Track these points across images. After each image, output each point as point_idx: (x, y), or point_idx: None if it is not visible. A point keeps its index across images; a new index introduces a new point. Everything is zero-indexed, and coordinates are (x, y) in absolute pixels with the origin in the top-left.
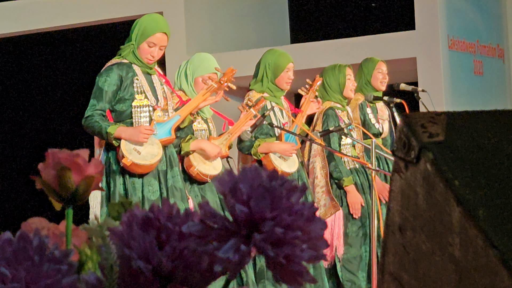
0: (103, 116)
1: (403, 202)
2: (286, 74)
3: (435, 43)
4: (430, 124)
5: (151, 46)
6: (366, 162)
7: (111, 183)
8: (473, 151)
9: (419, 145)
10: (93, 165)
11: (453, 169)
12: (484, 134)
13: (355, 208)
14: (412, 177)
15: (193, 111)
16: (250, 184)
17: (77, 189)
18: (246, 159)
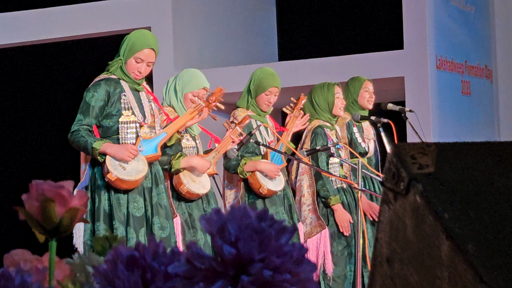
0: (89, 131)
1: (392, 233)
2: (266, 97)
3: (423, 62)
4: (420, 155)
5: (139, 62)
6: (352, 182)
7: (96, 198)
8: (463, 184)
9: (409, 177)
10: (77, 197)
11: (443, 202)
12: (474, 166)
13: (344, 225)
14: (401, 209)
15: (180, 129)
16: (238, 225)
17: (61, 221)
18: (231, 178)
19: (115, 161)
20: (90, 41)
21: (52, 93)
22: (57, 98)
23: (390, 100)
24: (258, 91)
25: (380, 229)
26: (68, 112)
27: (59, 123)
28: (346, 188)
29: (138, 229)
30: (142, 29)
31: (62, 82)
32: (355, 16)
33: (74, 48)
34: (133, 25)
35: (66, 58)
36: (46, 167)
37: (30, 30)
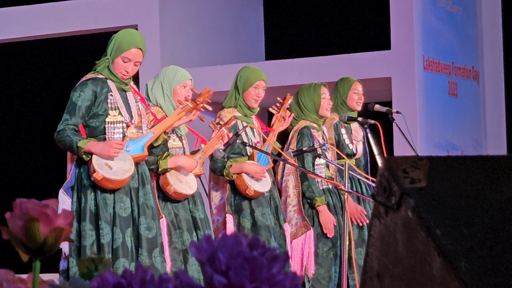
0: (75, 131)
1: (382, 248)
2: (254, 91)
3: (410, 63)
4: (412, 169)
5: (126, 61)
6: (339, 184)
7: (82, 198)
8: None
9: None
10: (62, 216)
11: (435, 217)
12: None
13: (328, 227)
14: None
15: (167, 130)
16: (229, 253)
17: (46, 241)
18: (217, 179)
19: (101, 160)
20: (77, 39)
21: (37, 91)
22: (43, 96)
23: (376, 100)
24: (246, 86)
25: (371, 244)
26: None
27: (45, 121)
28: (332, 189)
29: (125, 229)
30: (129, 29)
31: (48, 80)
32: (342, 16)
33: (60, 46)
34: (119, 23)
35: (52, 56)
36: (32, 167)
37: (14, 28)
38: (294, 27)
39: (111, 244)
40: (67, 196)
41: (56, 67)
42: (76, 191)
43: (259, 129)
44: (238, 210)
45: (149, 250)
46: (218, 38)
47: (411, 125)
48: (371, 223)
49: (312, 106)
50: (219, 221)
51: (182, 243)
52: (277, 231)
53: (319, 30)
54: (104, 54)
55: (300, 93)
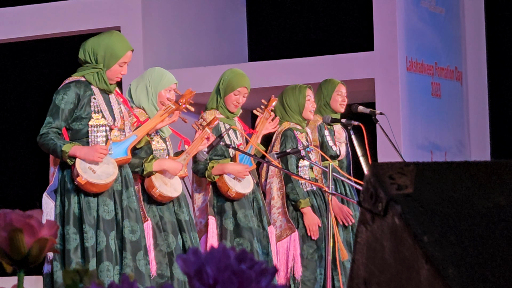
0: (58, 134)
1: (369, 255)
2: (235, 97)
3: (393, 64)
4: (399, 175)
5: (122, 65)
6: (323, 186)
7: (66, 202)
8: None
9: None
10: (47, 227)
11: (422, 224)
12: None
13: (313, 229)
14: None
15: (150, 132)
16: (217, 266)
17: (30, 252)
18: (200, 181)
19: (85, 164)
20: (59, 41)
21: (19, 94)
22: (25, 99)
23: (360, 101)
24: (227, 91)
25: (357, 250)
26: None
27: (27, 124)
28: (316, 191)
29: (109, 232)
30: (114, 32)
31: (30, 82)
32: (325, 17)
33: (42, 48)
34: (102, 24)
35: (34, 57)
36: (14, 171)
37: None
38: (277, 28)
39: (95, 247)
40: (50, 200)
41: (38, 69)
42: (60, 195)
43: (242, 131)
44: (221, 212)
45: (133, 253)
46: (201, 39)
47: (394, 126)
48: (358, 229)
49: (297, 107)
50: (202, 223)
51: (167, 246)
52: (260, 233)
53: (302, 31)
54: (86, 62)
55: (285, 94)
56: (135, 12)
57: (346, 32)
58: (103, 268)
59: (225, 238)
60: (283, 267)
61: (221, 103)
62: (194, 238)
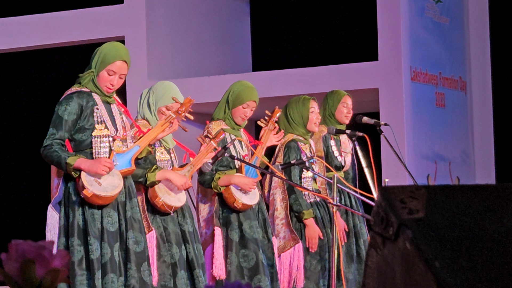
0: (62, 145)
1: (380, 279)
2: (243, 110)
3: (397, 74)
4: (410, 199)
5: (111, 74)
6: (327, 197)
7: (70, 214)
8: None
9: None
10: (59, 257)
11: (434, 249)
12: (465, 211)
13: (312, 242)
14: (389, 254)
15: (151, 142)
16: None
17: (42, 283)
18: (205, 192)
19: (90, 177)
20: (63, 51)
21: (21, 104)
22: (27, 109)
23: (364, 111)
24: (236, 103)
25: (368, 274)
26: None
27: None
28: (320, 202)
29: (113, 244)
30: (113, 41)
31: (33, 92)
32: (329, 27)
33: (45, 58)
34: (106, 34)
35: (37, 68)
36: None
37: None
38: (281, 38)
39: (100, 259)
40: (55, 212)
41: (40, 79)
42: (64, 207)
43: (247, 142)
44: (226, 223)
45: (137, 264)
46: (205, 49)
47: (398, 136)
48: (368, 253)
49: (300, 120)
50: (207, 234)
51: (171, 257)
52: (265, 244)
53: (306, 41)
54: (87, 67)
55: (289, 107)
56: (140, 22)
57: (350, 42)
58: (107, 280)
59: (230, 249)
60: (287, 278)
61: (229, 115)
62: (198, 249)
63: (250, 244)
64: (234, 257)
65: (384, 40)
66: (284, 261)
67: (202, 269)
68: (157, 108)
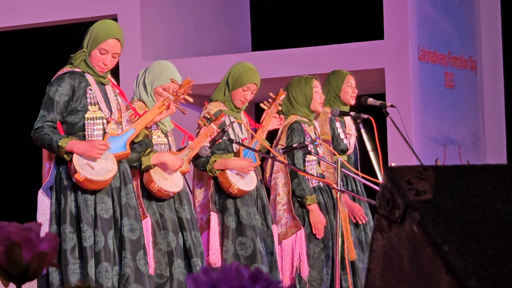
0: (53, 128)
1: (386, 264)
2: (243, 92)
3: (404, 53)
4: (417, 180)
5: (103, 53)
6: (331, 182)
7: (62, 200)
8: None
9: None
10: (46, 240)
11: (442, 232)
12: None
13: (318, 228)
14: (396, 238)
15: (148, 125)
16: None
17: (28, 267)
18: (201, 176)
19: (82, 160)
20: (53, 29)
21: (11, 85)
22: (17, 90)
23: (369, 92)
24: (236, 85)
25: (373, 259)
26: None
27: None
28: (323, 187)
29: (107, 231)
30: (105, 19)
31: (23, 73)
32: (332, 4)
33: (35, 37)
34: (98, 12)
35: (27, 47)
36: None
37: None
38: (282, 16)
39: (93, 247)
40: (46, 197)
41: (30, 60)
42: (55, 192)
43: (247, 125)
44: (223, 209)
45: (133, 253)
46: (202, 28)
47: (405, 119)
48: (373, 237)
49: (304, 100)
50: (203, 220)
51: (167, 244)
52: (264, 231)
53: (309, 19)
54: (80, 47)
55: (291, 87)
56: (133, 0)
57: (354, 20)
58: (101, 269)
59: (227, 236)
60: (289, 266)
61: (228, 97)
62: (196, 237)
63: (248, 231)
64: (230, 244)
65: (390, 17)
66: (286, 248)
67: (200, 257)
68: (153, 89)
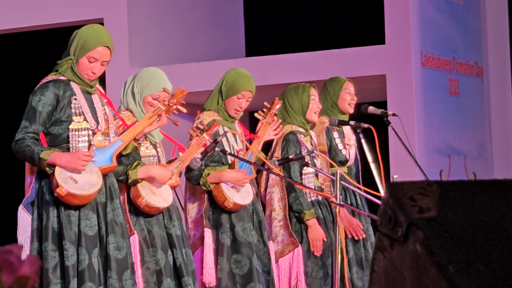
0: (35, 139)
1: (387, 286)
2: (238, 101)
3: (406, 59)
4: (420, 196)
5: (92, 61)
6: (330, 196)
7: (44, 215)
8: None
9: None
10: (28, 263)
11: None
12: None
13: (316, 245)
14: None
15: (137, 137)
16: None
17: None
18: (194, 190)
19: (65, 173)
20: (36, 34)
21: None
22: None
23: (370, 100)
24: (230, 93)
25: (374, 280)
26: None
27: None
28: (322, 201)
29: (91, 249)
30: (94, 24)
31: (5, 80)
32: (330, 7)
33: (18, 42)
34: (83, 16)
35: (9, 53)
36: None
37: None
38: (277, 19)
39: (77, 266)
40: (27, 213)
41: (13, 67)
42: (37, 207)
43: (242, 136)
44: (217, 225)
45: (119, 272)
46: (193, 32)
47: (408, 128)
48: (374, 257)
49: (300, 108)
50: (196, 236)
51: (156, 263)
52: (261, 248)
53: (305, 23)
54: (65, 53)
55: (287, 94)
56: (120, 3)
57: (353, 24)
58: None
59: (221, 254)
60: (286, 285)
61: (222, 106)
62: (187, 255)
63: (243, 248)
64: (225, 262)
65: (392, 21)
66: (283, 267)
67: (192, 276)
68: (142, 98)
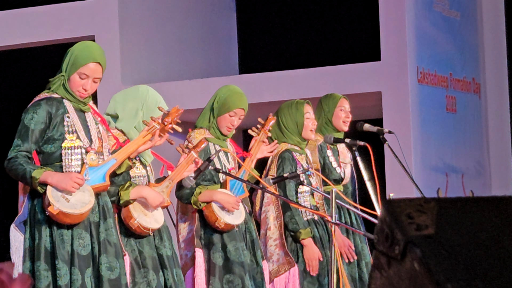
0: (28, 158)
1: None
2: (230, 118)
3: (402, 75)
4: (418, 213)
5: (83, 78)
6: (325, 215)
7: (36, 235)
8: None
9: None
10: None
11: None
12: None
13: (312, 264)
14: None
15: (131, 155)
16: None
17: None
18: (185, 209)
19: (57, 192)
20: (28, 52)
21: None
22: None
23: (365, 117)
24: (222, 111)
25: None
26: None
27: None
28: (318, 220)
29: (84, 269)
30: (86, 41)
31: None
32: (325, 23)
33: (10, 59)
34: (75, 33)
35: (1, 70)
36: None
37: None
38: (271, 36)
39: (69, 286)
40: (19, 232)
41: (5, 83)
42: (29, 226)
43: (234, 154)
44: (209, 244)
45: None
46: (186, 50)
47: (404, 146)
48: (371, 275)
49: (295, 127)
50: (188, 256)
51: (147, 284)
52: (254, 268)
53: (300, 40)
54: (58, 71)
55: (281, 113)
56: (111, 19)
57: (348, 40)
58: None
59: (213, 274)
60: None
61: (214, 123)
62: (178, 275)
63: (236, 268)
64: (217, 283)
65: (387, 37)
66: (278, 286)
67: None
68: None
